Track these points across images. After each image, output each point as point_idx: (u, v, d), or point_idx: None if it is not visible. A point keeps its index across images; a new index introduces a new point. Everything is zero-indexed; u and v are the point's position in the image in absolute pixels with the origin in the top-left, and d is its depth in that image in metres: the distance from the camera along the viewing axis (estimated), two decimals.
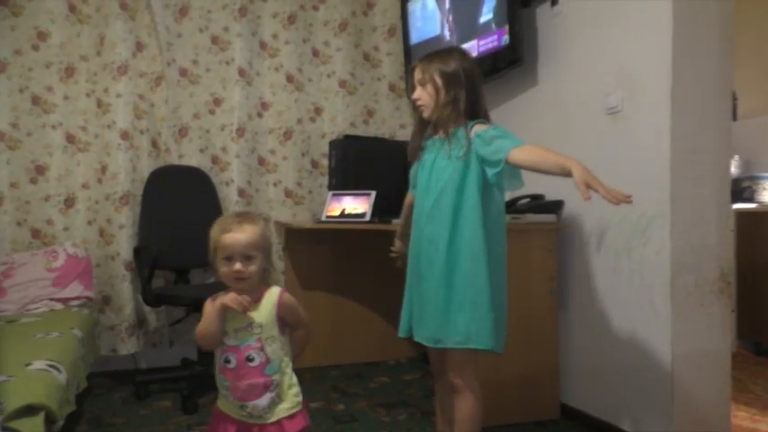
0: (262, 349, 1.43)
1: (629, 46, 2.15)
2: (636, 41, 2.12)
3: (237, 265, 1.41)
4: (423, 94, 1.76)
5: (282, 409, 1.44)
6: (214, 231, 1.44)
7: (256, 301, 1.45)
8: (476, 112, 1.74)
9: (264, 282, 1.49)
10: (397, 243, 2.06)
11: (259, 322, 1.44)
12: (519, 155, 1.57)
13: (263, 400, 1.42)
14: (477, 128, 1.70)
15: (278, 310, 1.46)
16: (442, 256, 1.69)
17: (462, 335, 1.66)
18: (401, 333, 1.85)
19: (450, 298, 1.68)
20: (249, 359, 1.42)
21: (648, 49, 2.06)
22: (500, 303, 1.71)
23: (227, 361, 1.44)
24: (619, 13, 2.19)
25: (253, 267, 1.42)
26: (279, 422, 1.44)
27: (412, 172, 1.91)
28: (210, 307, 1.45)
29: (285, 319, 1.48)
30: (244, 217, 1.46)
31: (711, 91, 2.03)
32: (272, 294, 1.47)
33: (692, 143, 2.00)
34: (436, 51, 1.84)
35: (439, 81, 1.72)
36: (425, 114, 1.77)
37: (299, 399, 1.48)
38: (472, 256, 1.66)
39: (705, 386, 2.03)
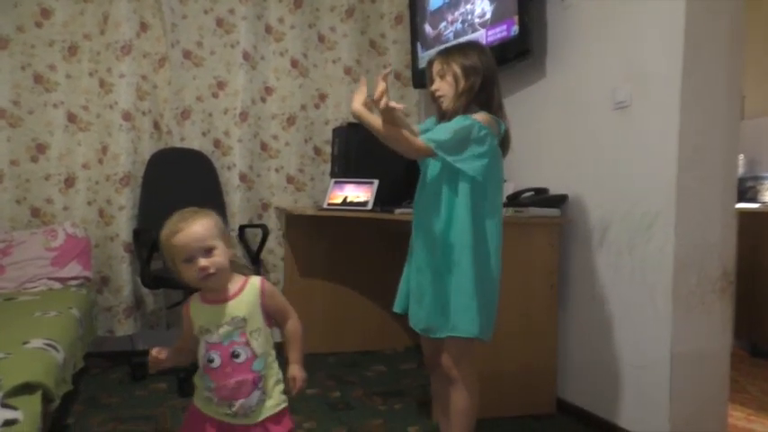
0: (247, 344, 1.34)
1: (639, 41, 2.12)
2: (646, 37, 2.09)
3: (201, 261, 1.29)
4: (443, 85, 1.75)
5: (268, 407, 1.36)
6: (162, 239, 1.33)
7: (237, 292, 1.36)
8: (489, 105, 1.74)
9: (240, 271, 1.40)
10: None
11: (242, 316, 1.34)
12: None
13: (252, 399, 1.34)
14: (470, 115, 1.69)
15: (262, 298, 1.37)
16: (437, 248, 1.70)
17: (449, 323, 1.68)
18: (395, 308, 1.86)
19: (442, 289, 1.69)
20: (235, 355, 1.33)
21: (659, 45, 2.04)
22: (488, 292, 1.71)
23: (211, 360, 1.33)
24: (630, 8, 2.16)
25: (218, 258, 1.31)
26: (263, 424, 1.35)
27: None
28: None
29: (270, 310, 1.39)
30: (188, 213, 1.35)
31: (721, 89, 2.01)
32: (254, 283, 1.38)
33: (700, 141, 1.99)
34: (455, 45, 1.85)
35: (459, 71, 1.72)
36: (444, 105, 1.76)
37: (285, 396, 1.40)
38: (460, 245, 1.67)
39: (702, 385, 2.03)
